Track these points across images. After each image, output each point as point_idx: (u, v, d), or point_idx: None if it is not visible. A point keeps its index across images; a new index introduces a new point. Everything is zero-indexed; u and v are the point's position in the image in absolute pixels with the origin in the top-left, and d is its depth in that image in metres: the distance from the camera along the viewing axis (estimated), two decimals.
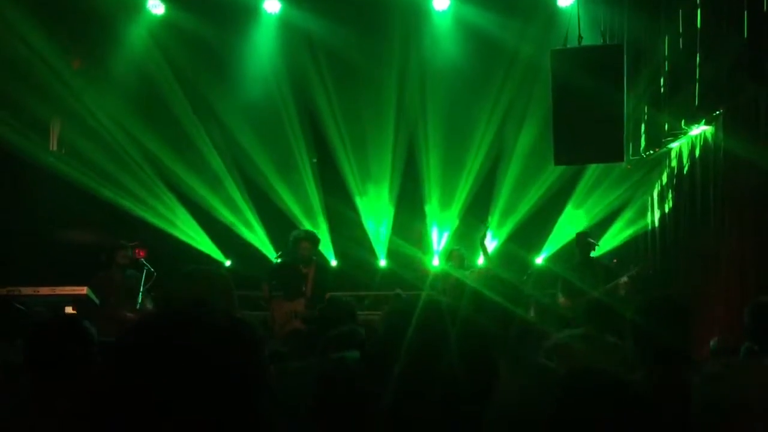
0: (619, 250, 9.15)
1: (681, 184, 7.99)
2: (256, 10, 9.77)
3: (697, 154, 7.48)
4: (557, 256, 9.48)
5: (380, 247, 10.30)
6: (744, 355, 3.56)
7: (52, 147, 9.72)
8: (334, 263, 10.05)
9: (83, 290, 6.60)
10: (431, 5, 9.60)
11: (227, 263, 10.05)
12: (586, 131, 7.11)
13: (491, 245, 9.03)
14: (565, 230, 9.53)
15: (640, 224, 9.09)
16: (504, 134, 10.00)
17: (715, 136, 7.02)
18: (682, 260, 7.79)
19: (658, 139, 7.92)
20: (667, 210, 8.41)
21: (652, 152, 8.29)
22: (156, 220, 9.74)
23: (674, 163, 8.23)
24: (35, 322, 2.88)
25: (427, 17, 9.76)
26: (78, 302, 6.47)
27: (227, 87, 10.01)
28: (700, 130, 7.34)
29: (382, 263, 10.26)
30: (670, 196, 8.34)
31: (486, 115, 9.93)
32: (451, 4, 9.57)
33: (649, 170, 8.86)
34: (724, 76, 6.34)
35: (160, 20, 9.69)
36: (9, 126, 8.64)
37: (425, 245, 10.03)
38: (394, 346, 1.41)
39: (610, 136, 7.09)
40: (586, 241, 8.00)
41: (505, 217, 9.97)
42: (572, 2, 8.41)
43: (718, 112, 6.78)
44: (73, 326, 2.77)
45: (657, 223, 8.70)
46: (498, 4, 9.27)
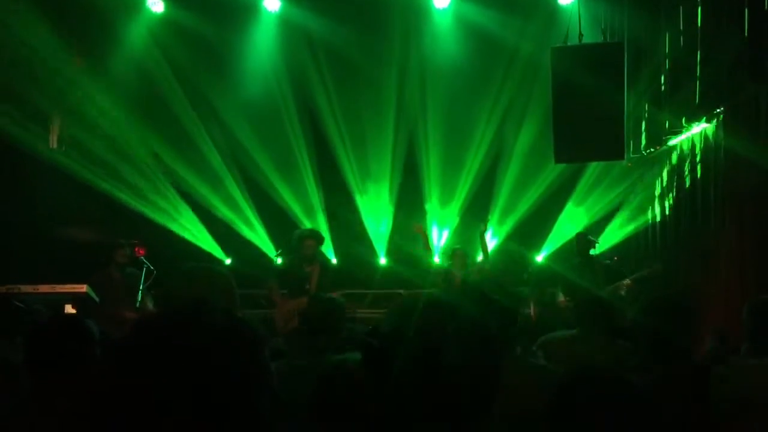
0: (618, 247, 9.15)
1: (681, 182, 7.98)
2: (255, 8, 9.76)
3: (698, 152, 7.48)
4: (557, 254, 9.47)
5: (380, 245, 10.29)
6: (744, 354, 3.54)
7: (52, 144, 9.71)
8: (334, 261, 10.04)
9: (83, 288, 6.59)
10: (431, 3, 9.57)
11: (227, 261, 10.05)
12: (587, 129, 7.11)
13: (491, 244, 9.02)
14: (566, 228, 9.52)
15: (640, 222, 9.08)
16: (504, 132, 9.99)
17: (715, 134, 7.01)
18: (682, 259, 7.79)
19: (659, 137, 7.92)
20: (667, 208, 8.40)
21: (652, 150, 8.29)
22: (156, 218, 9.73)
23: (675, 161, 8.22)
24: (35, 321, 2.87)
25: (427, 15, 9.73)
26: (78, 300, 6.47)
27: (227, 85, 9.99)
28: (700, 128, 7.33)
29: (382, 261, 10.25)
30: (670, 194, 8.33)
31: (486, 113, 9.92)
32: (451, 2, 9.55)
33: (649, 168, 8.86)
34: (724, 74, 6.33)
35: (159, 18, 9.68)
36: (9, 123, 8.63)
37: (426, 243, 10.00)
38: (395, 346, 1.41)
39: (610, 134, 7.09)
40: (585, 240, 8.01)
41: (505, 215, 9.96)
42: (573, 0, 8.40)
43: (718, 110, 6.78)
44: (73, 325, 2.76)
45: (657, 222, 8.70)
46: (498, 1, 9.25)
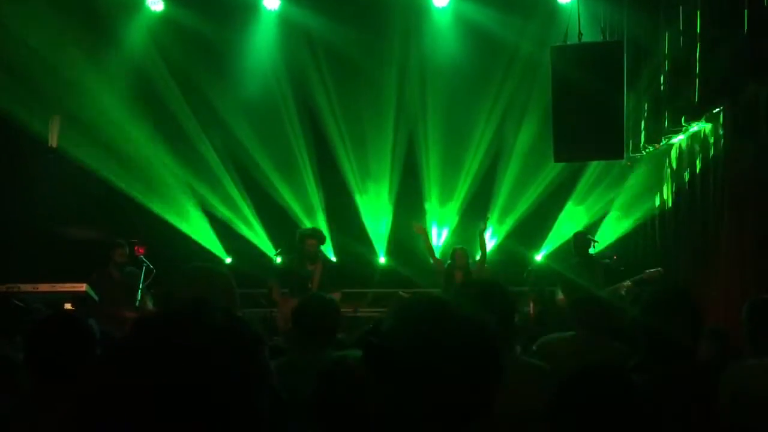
0: (618, 247, 9.14)
1: (681, 181, 7.98)
2: (255, 7, 9.76)
3: (697, 151, 7.47)
4: (556, 253, 9.47)
5: (380, 244, 10.29)
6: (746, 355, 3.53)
7: (51, 143, 9.70)
8: (333, 260, 10.03)
9: (82, 287, 6.59)
10: (431, 2, 9.58)
11: (228, 260, 10.04)
12: (586, 128, 7.12)
13: (490, 243, 9.02)
14: (565, 228, 9.51)
15: (638, 221, 9.08)
16: (504, 131, 9.98)
17: (715, 133, 7.01)
18: (682, 258, 7.79)
19: (658, 137, 7.92)
20: (666, 208, 8.40)
21: (652, 149, 8.29)
22: (156, 217, 9.71)
23: (674, 160, 8.22)
24: (34, 319, 2.86)
25: (426, 14, 9.74)
26: (77, 299, 6.46)
27: (226, 84, 9.98)
28: (700, 127, 7.33)
29: (382, 260, 10.25)
30: (669, 193, 8.33)
31: (486, 112, 9.91)
32: (450, 1, 9.55)
33: (649, 167, 8.85)
34: (724, 73, 6.33)
35: (159, 17, 9.67)
36: (9, 122, 8.62)
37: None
38: (395, 345, 1.40)
39: (610, 133, 7.10)
40: (584, 239, 8.01)
41: (505, 214, 9.96)
42: None
43: (718, 109, 6.77)
44: (73, 323, 2.76)
45: (656, 221, 8.70)
46: (498, 0, 9.26)
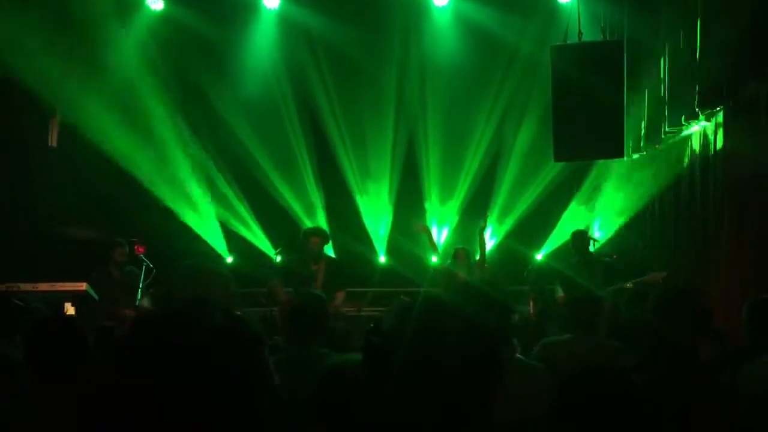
0: (618, 246, 9.14)
1: (680, 180, 7.98)
2: (255, 6, 9.76)
3: (697, 150, 7.47)
4: (557, 253, 9.47)
5: (380, 243, 10.29)
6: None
7: (51, 143, 9.69)
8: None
9: (82, 286, 6.58)
10: (431, 1, 9.58)
11: (229, 260, 10.04)
12: (586, 127, 7.11)
13: (490, 242, 9.01)
14: (566, 227, 9.51)
15: (639, 220, 9.08)
16: (504, 131, 9.99)
17: (715, 132, 7.00)
18: (682, 258, 7.78)
19: (658, 136, 7.91)
20: (666, 207, 8.40)
21: (652, 148, 8.28)
22: (156, 217, 9.70)
23: (674, 159, 8.22)
24: (34, 319, 2.86)
25: (426, 13, 9.74)
26: (77, 298, 6.46)
27: (226, 83, 9.98)
28: (700, 126, 7.32)
29: (382, 260, 10.25)
30: (669, 192, 8.33)
31: (486, 111, 9.92)
32: (450, 1, 9.55)
33: (648, 167, 8.85)
34: (724, 72, 6.32)
35: (158, 16, 9.67)
36: (8, 121, 8.61)
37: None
38: (395, 344, 1.40)
39: (610, 132, 7.09)
40: (583, 238, 8.01)
41: (505, 213, 9.96)
42: None
43: (718, 108, 6.76)
44: (69, 325, 2.75)
45: (656, 220, 8.69)
46: (498, 0, 9.25)
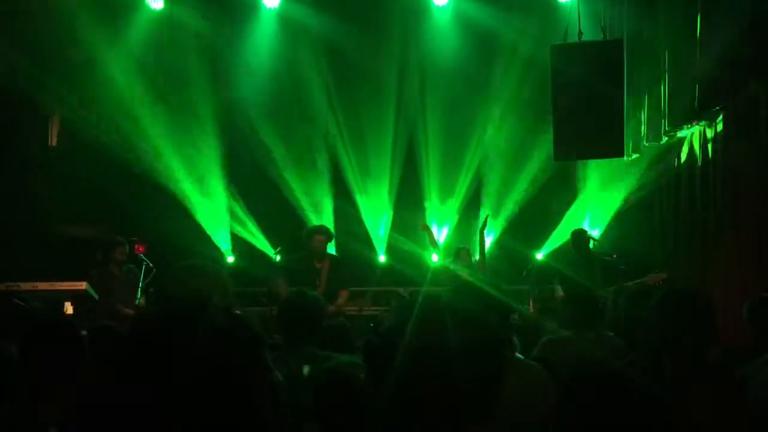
0: (618, 245, 9.13)
1: (680, 180, 7.98)
2: (255, 5, 9.76)
3: (697, 150, 7.47)
4: (557, 252, 9.46)
5: (380, 242, 10.28)
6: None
7: (51, 142, 9.69)
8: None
9: (82, 285, 6.58)
10: (431, 1, 9.59)
11: (230, 259, 10.03)
12: (586, 126, 7.11)
13: (489, 241, 9.01)
14: (566, 227, 9.50)
15: (639, 219, 9.08)
16: (504, 130, 9.98)
17: (714, 132, 7.01)
18: (682, 258, 7.78)
19: (658, 135, 7.91)
20: (666, 206, 8.39)
21: (651, 148, 8.28)
22: (156, 216, 9.68)
23: (674, 159, 8.21)
24: (32, 320, 2.84)
25: (426, 13, 9.75)
26: (76, 298, 6.46)
27: (226, 82, 9.98)
28: (700, 126, 7.32)
29: (382, 259, 10.25)
30: (669, 192, 8.32)
31: (485, 110, 9.92)
32: (450, 0, 9.55)
33: (648, 166, 8.84)
34: (724, 72, 6.32)
35: (159, 15, 9.66)
36: (8, 122, 8.61)
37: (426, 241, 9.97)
38: (396, 343, 1.40)
39: (609, 131, 7.09)
40: (584, 237, 8.00)
41: (505, 213, 9.95)
42: None
43: (717, 108, 6.76)
44: (64, 329, 2.74)
45: (656, 220, 8.69)
46: None
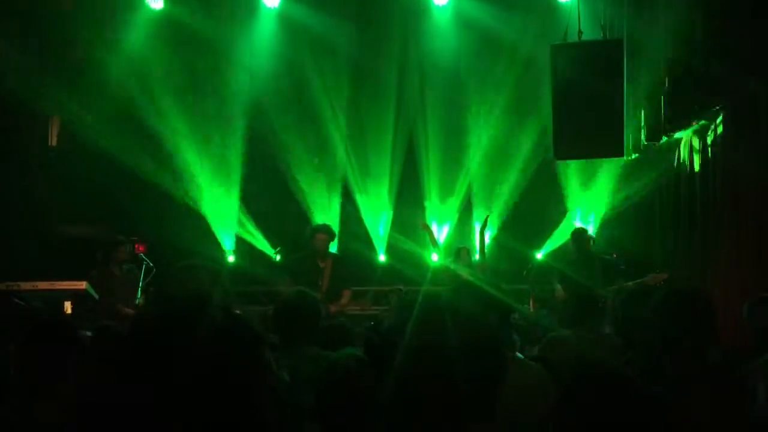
0: (617, 244, 9.13)
1: (680, 179, 7.97)
2: (255, 5, 9.77)
3: (697, 149, 7.47)
4: (557, 252, 9.47)
5: (379, 242, 10.28)
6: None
7: (51, 142, 9.69)
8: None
9: (82, 285, 6.57)
10: (431, 1, 9.59)
11: (230, 258, 10.03)
12: (586, 126, 7.10)
13: (489, 242, 9.01)
14: (566, 226, 9.51)
15: (639, 219, 9.07)
16: (503, 129, 9.98)
17: (714, 132, 7.00)
18: (682, 258, 7.77)
19: (658, 135, 7.90)
20: (666, 206, 8.39)
21: (651, 147, 8.27)
22: (156, 215, 9.69)
23: (674, 158, 8.21)
24: (26, 324, 2.81)
25: (426, 12, 9.76)
26: (76, 297, 6.46)
27: (225, 81, 9.98)
28: (699, 125, 7.32)
29: (382, 258, 10.24)
30: (669, 191, 8.32)
31: (485, 110, 9.92)
32: (450, 0, 9.56)
33: (648, 166, 8.84)
34: (724, 71, 6.31)
35: (158, 14, 9.66)
36: (8, 121, 8.61)
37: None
38: (396, 342, 1.40)
39: (609, 130, 7.08)
40: (583, 237, 8.01)
41: (505, 213, 9.95)
42: None
43: (717, 107, 6.76)
44: (59, 329, 2.73)
45: (656, 220, 8.68)
46: None
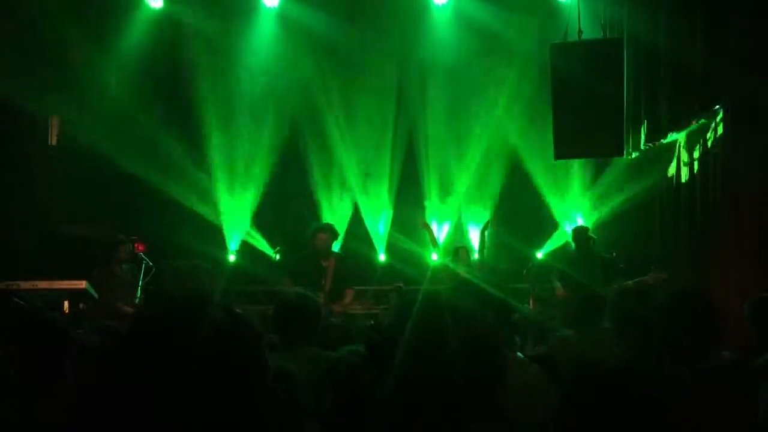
0: (617, 244, 9.12)
1: (680, 178, 7.97)
2: (255, 4, 9.77)
3: (697, 148, 7.46)
4: (557, 251, 9.47)
5: (379, 241, 10.28)
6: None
7: (51, 141, 9.68)
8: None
9: (82, 284, 6.57)
10: (431, 0, 9.59)
11: (231, 258, 10.03)
12: (586, 125, 7.11)
13: (491, 241, 9.01)
14: (570, 224, 9.50)
15: (639, 218, 9.07)
16: (503, 128, 9.98)
17: (714, 131, 7.00)
18: (682, 258, 7.76)
19: (658, 134, 7.90)
20: (666, 206, 8.38)
21: (651, 147, 8.27)
22: (156, 215, 9.68)
23: (674, 157, 8.20)
24: (19, 324, 2.80)
25: (426, 12, 9.75)
26: (76, 296, 6.46)
27: (225, 81, 9.97)
28: (699, 124, 7.32)
29: (381, 258, 10.24)
30: (669, 190, 8.31)
31: (485, 109, 9.92)
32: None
33: (648, 165, 8.83)
34: (724, 70, 6.31)
35: (158, 14, 9.66)
36: (8, 121, 8.60)
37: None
38: (396, 341, 1.40)
39: (609, 130, 7.10)
40: (584, 235, 8.01)
41: (506, 212, 9.95)
42: None
43: (717, 106, 6.76)
44: (53, 328, 2.72)
45: (656, 219, 8.68)
46: None
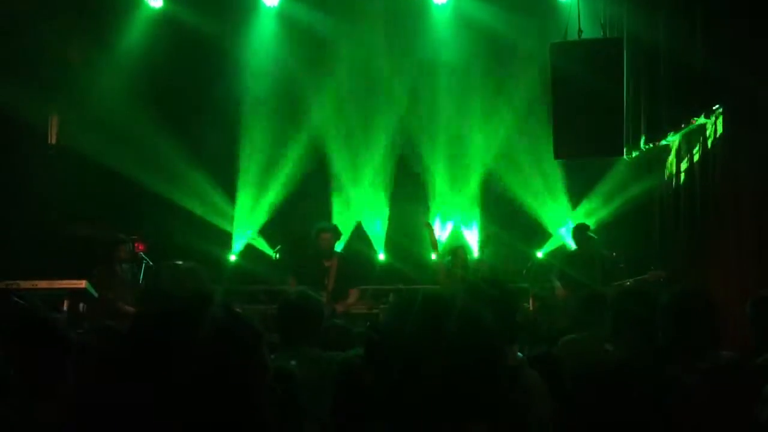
0: (617, 243, 9.12)
1: (680, 178, 7.97)
2: (254, 4, 9.77)
3: (697, 148, 7.46)
4: (557, 251, 9.47)
5: (378, 241, 10.28)
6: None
7: (51, 140, 9.68)
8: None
9: (82, 284, 6.56)
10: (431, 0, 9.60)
11: (232, 258, 10.03)
12: (586, 125, 7.11)
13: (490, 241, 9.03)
14: (567, 226, 9.51)
15: (639, 218, 9.08)
16: (503, 128, 9.98)
17: (714, 131, 7.00)
18: (681, 258, 7.76)
19: (658, 134, 7.90)
20: (666, 206, 8.38)
21: (651, 146, 8.27)
22: (157, 214, 9.68)
23: (674, 157, 8.21)
24: (16, 323, 2.78)
25: (426, 12, 9.76)
26: (76, 296, 6.46)
27: (225, 80, 9.97)
28: (699, 124, 7.31)
29: (381, 257, 10.24)
30: (668, 192, 8.31)
31: (485, 109, 9.92)
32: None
33: (648, 165, 8.84)
34: (724, 70, 6.31)
35: (158, 13, 9.66)
36: (8, 120, 8.60)
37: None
38: (395, 341, 1.40)
39: (609, 129, 7.10)
40: (584, 234, 8.01)
41: (506, 211, 9.95)
42: None
43: (717, 106, 6.76)
44: (49, 328, 2.71)
45: (656, 219, 8.68)
46: None
